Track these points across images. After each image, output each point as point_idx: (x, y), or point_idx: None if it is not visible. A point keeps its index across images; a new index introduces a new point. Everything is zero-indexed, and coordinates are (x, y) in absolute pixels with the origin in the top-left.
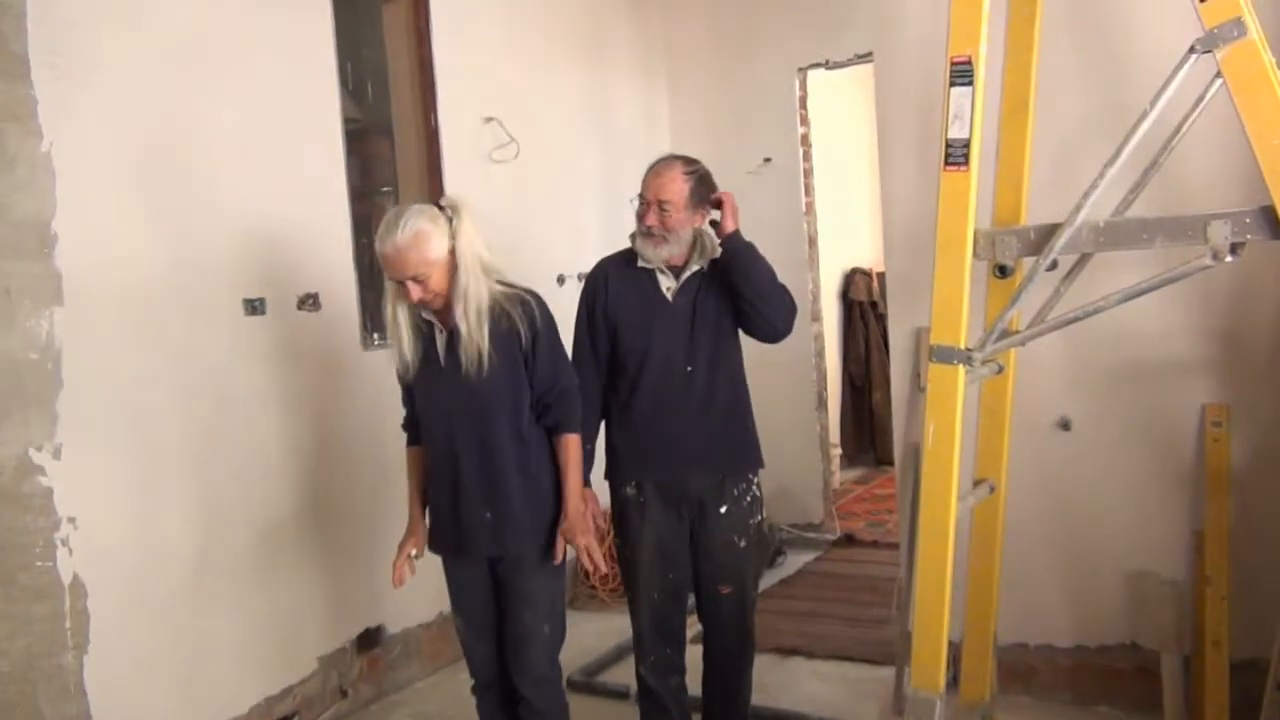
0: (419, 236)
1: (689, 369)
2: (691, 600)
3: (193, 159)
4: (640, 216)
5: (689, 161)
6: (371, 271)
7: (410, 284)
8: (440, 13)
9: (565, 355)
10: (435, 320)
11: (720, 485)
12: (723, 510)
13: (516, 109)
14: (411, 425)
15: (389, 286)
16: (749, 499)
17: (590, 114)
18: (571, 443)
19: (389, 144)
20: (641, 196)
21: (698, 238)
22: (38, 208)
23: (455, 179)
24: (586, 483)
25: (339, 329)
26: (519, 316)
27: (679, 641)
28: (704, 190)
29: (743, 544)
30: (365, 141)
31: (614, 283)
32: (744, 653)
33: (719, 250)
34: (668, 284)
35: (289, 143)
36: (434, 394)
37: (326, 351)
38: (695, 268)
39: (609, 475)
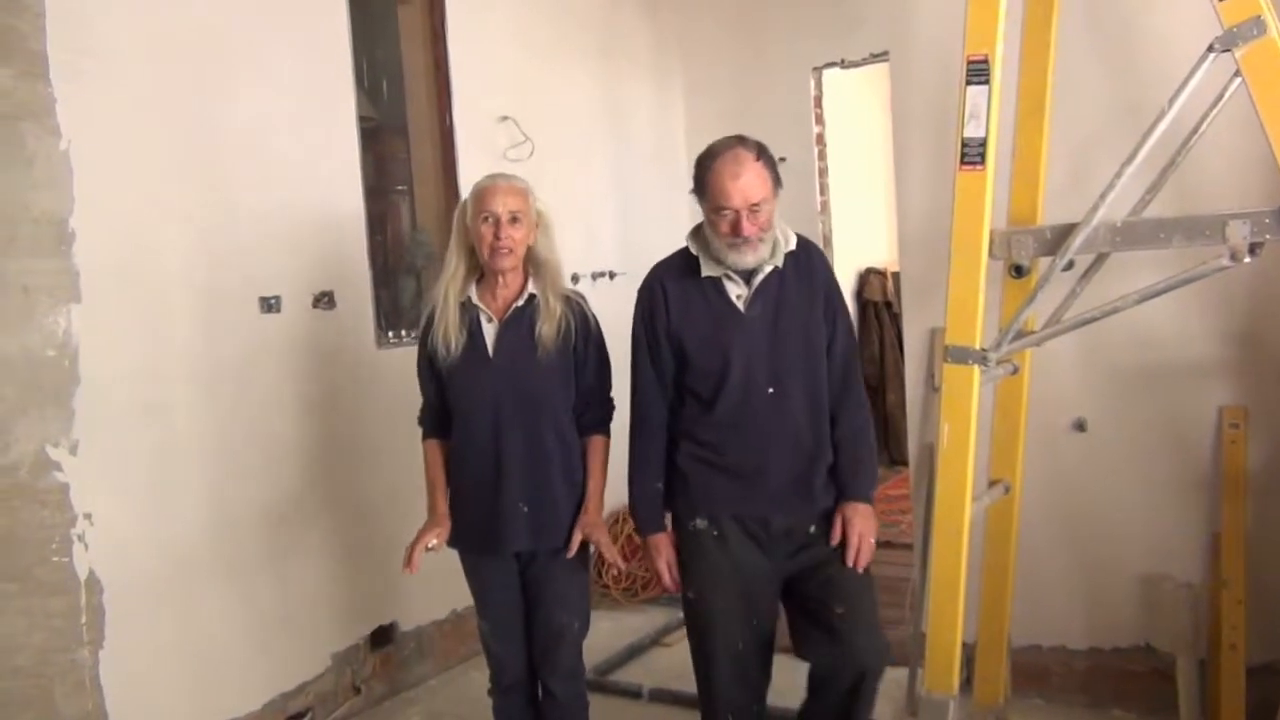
0: (527, 189)
1: (770, 390)
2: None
3: (209, 157)
4: (731, 229)
5: (749, 144)
6: (386, 270)
7: (506, 222)
8: (455, 12)
9: (609, 360)
10: (485, 309)
11: (812, 518)
12: (811, 530)
13: (531, 108)
14: (433, 416)
15: (451, 264)
16: None
17: (604, 113)
18: (602, 444)
19: (404, 143)
20: (723, 209)
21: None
22: (56, 205)
23: (470, 178)
24: (660, 527)
25: (354, 327)
26: (573, 316)
27: (762, 690)
28: (775, 168)
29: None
30: (380, 140)
31: (675, 297)
32: (880, 670)
33: (792, 241)
34: (738, 291)
35: (305, 141)
36: (478, 384)
37: (341, 350)
38: (769, 268)
39: (670, 505)
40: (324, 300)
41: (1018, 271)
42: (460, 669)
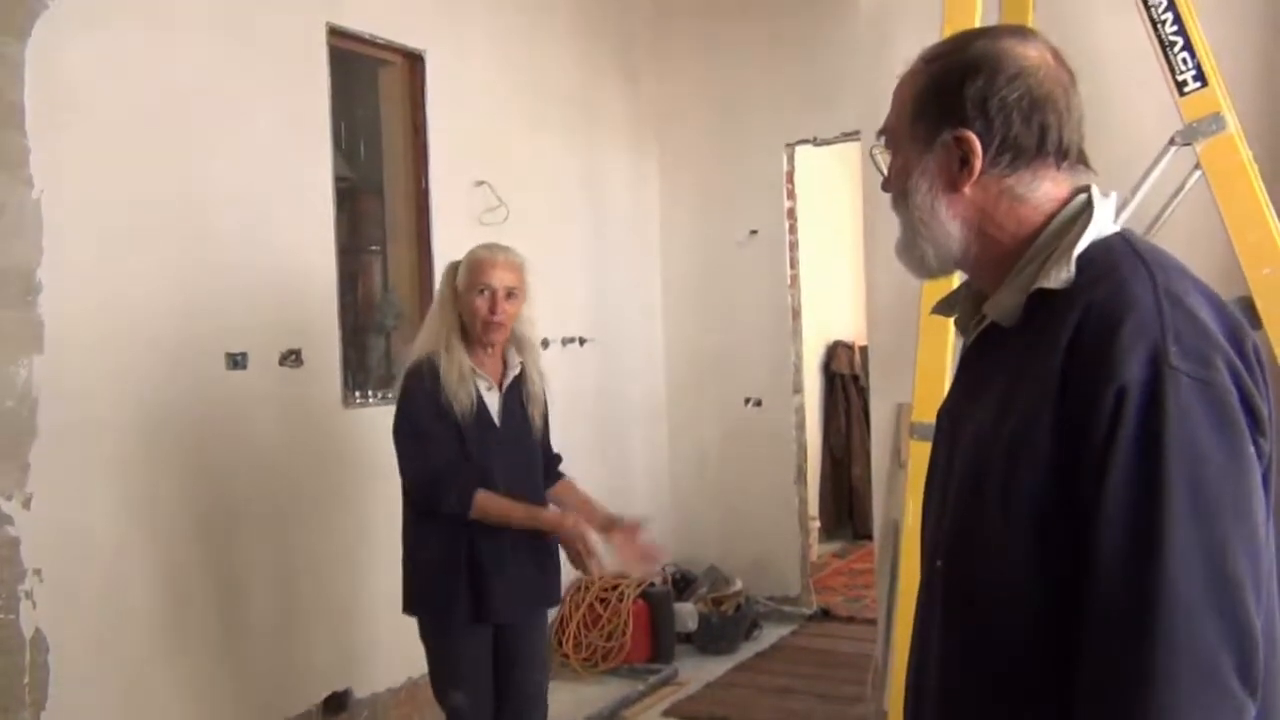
0: (524, 264)
1: (938, 563)
2: None
3: (182, 211)
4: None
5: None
6: (355, 329)
7: (502, 297)
8: (435, 78)
9: None
10: (486, 375)
11: None
12: None
13: (507, 174)
14: (468, 474)
15: (445, 327)
16: None
17: (580, 181)
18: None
19: (379, 203)
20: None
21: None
22: (24, 256)
23: (444, 240)
24: None
25: (321, 386)
26: (545, 391)
27: None
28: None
29: None
30: (355, 200)
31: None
32: None
33: (1068, 274)
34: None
35: (279, 199)
36: (485, 452)
37: (307, 409)
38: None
39: None
40: (291, 358)
41: None
42: None
